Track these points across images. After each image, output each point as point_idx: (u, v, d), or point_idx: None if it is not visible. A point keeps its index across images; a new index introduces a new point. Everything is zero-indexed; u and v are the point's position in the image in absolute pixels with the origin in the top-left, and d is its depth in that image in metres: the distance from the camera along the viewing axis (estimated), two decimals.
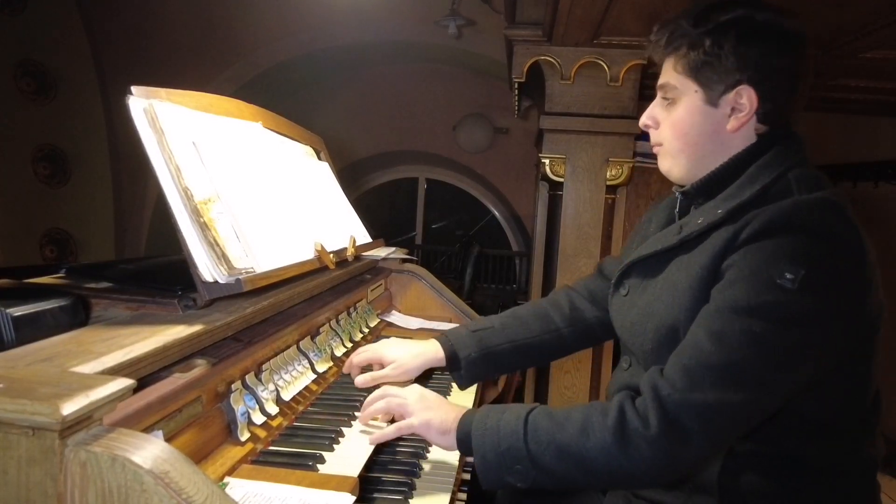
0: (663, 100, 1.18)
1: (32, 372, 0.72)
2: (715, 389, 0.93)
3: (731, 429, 0.97)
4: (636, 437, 0.95)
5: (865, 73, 2.72)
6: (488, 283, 7.21)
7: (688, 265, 1.08)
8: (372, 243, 1.91)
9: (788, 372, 0.95)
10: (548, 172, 2.69)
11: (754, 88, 1.08)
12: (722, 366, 0.94)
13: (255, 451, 1.06)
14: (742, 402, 0.94)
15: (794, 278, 0.93)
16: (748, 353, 0.94)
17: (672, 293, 1.09)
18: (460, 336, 1.43)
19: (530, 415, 1.05)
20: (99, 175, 5.49)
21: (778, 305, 0.94)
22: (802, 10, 2.01)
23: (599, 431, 0.98)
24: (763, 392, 0.95)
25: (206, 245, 1.01)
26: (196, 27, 5.20)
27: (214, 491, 0.66)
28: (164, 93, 1.13)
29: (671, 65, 1.15)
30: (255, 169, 1.34)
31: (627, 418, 0.97)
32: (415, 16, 5.12)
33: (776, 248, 0.96)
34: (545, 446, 1.01)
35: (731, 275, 1.00)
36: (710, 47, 1.09)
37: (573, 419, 1.02)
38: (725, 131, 1.12)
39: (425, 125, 6.82)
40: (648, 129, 1.22)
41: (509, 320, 1.47)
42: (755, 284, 0.96)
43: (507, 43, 2.67)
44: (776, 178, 1.06)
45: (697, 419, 0.93)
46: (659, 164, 1.23)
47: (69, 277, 1.18)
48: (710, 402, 0.93)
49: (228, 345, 1.13)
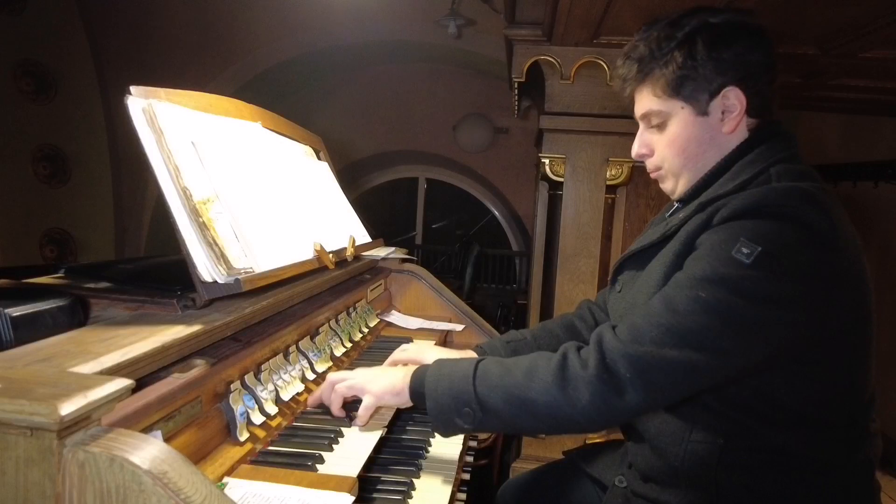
0: (651, 128, 1.19)
1: (31, 372, 0.72)
2: (654, 344, 0.96)
3: (667, 385, 0.98)
4: (574, 379, 0.99)
5: (865, 73, 2.71)
6: (488, 283, 7.21)
7: (664, 255, 1.11)
8: (371, 243, 1.91)
9: (730, 340, 0.96)
10: (548, 172, 2.69)
11: (740, 87, 1.10)
12: (666, 325, 0.97)
13: (254, 452, 1.06)
14: (679, 359, 0.95)
15: (749, 252, 0.95)
16: (693, 317, 0.96)
17: (650, 285, 1.12)
18: (495, 348, 1.47)
19: (481, 362, 1.10)
20: (99, 175, 5.49)
21: (729, 277, 0.95)
22: (802, 10, 2.02)
23: (543, 373, 1.02)
24: (702, 355, 0.96)
25: (205, 245, 1.01)
26: (196, 27, 5.20)
27: (213, 491, 0.65)
28: (163, 93, 1.13)
29: (648, 92, 1.16)
30: (255, 169, 1.34)
31: (569, 361, 1.01)
32: (415, 16, 5.12)
33: (740, 228, 0.98)
34: (492, 389, 1.05)
35: (695, 253, 1.03)
36: (683, 62, 1.10)
37: (520, 364, 1.06)
38: (722, 134, 1.14)
39: (425, 125, 6.82)
40: (644, 157, 1.24)
41: (540, 332, 1.51)
42: (712, 258, 0.98)
43: (507, 43, 2.67)
44: (758, 173, 1.07)
45: (631, 367, 0.96)
46: (662, 187, 1.25)
47: (68, 277, 1.18)
48: (645, 354, 0.96)
49: (227, 345, 1.13)
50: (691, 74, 1.10)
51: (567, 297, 2.74)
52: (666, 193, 1.26)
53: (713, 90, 1.11)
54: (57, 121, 5.31)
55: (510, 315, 5.40)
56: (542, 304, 2.88)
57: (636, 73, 1.16)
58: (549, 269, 2.85)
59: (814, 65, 2.61)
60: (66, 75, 5.22)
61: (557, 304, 2.75)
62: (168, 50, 5.20)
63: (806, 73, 2.76)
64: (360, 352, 1.66)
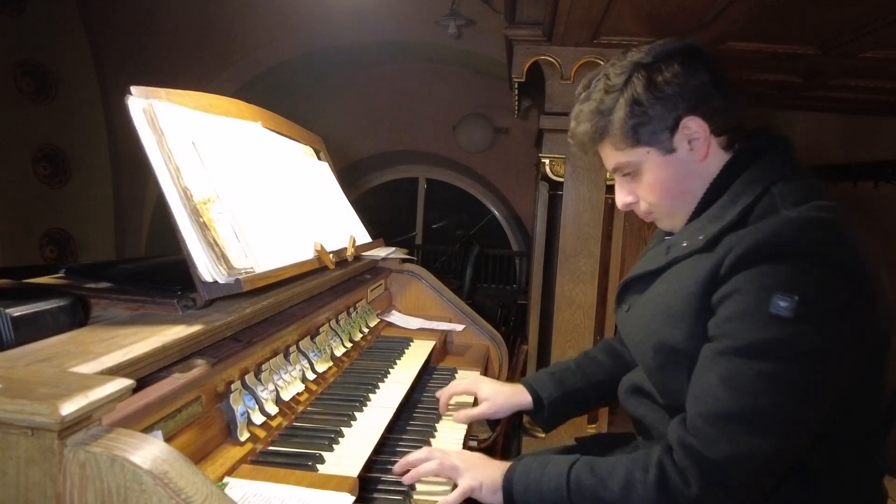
0: (625, 177, 1.18)
1: (32, 372, 0.72)
2: (744, 438, 0.92)
3: (767, 475, 0.96)
4: (679, 497, 0.95)
5: (865, 73, 2.72)
6: (488, 283, 7.20)
7: (677, 287, 1.08)
8: (372, 243, 1.91)
9: (810, 407, 0.94)
10: (548, 172, 2.69)
11: (695, 114, 1.08)
12: (745, 414, 0.93)
13: (255, 452, 1.06)
14: (772, 445, 0.92)
15: (788, 306, 0.91)
16: (767, 398, 0.92)
17: (667, 315, 1.08)
18: (542, 382, 1.45)
19: (572, 470, 1.05)
20: (99, 175, 5.48)
21: (781, 340, 0.92)
22: (802, 10, 2.02)
23: (642, 490, 0.97)
24: (790, 432, 0.93)
25: (205, 245, 1.01)
26: (196, 27, 5.20)
27: (213, 491, 0.66)
28: (163, 93, 1.13)
29: (610, 148, 1.15)
30: (255, 169, 1.34)
31: (669, 476, 0.96)
32: (415, 16, 5.11)
33: (766, 277, 0.94)
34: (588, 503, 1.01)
35: (725, 310, 0.98)
36: (630, 110, 1.09)
37: (616, 475, 1.01)
38: (697, 163, 1.11)
39: (425, 125, 6.82)
40: (631, 206, 1.21)
41: (583, 360, 1.50)
42: (752, 320, 0.94)
43: (507, 43, 2.67)
44: (759, 195, 1.04)
45: (735, 473, 0.93)
46: (661, 227, 1.24)
47: (69, 277, 1.18)
48: (741, 452, 0.92)
49: (228, 345, 1.13)
50: (643, 119, 1.09)
51: (567, 297, 2.74)
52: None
53: (671, 126, 1.09)
54: (57, 121, 5.30)
55: (510, 315, 5.40)
56: (543, 304, 2.88)
57: (592, 133, 1.14)
58: (549, 269, 2.85)
59: (814, 65, 2.61)
60: (66, 75, 5.22)
61: (557, 304, 2.75)
62: (168, 50, 5.20)
63: (806, 73, 2.77)
64: (360, 352, 1.66)
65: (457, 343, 2.03)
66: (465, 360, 1.91)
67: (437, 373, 1.76)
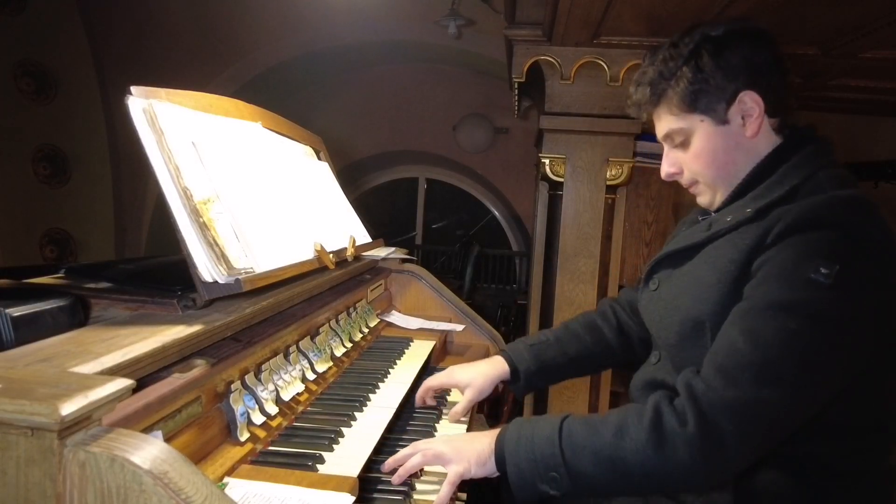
0: (674, 147, 1.20)
1: (31, 372, 0.72)
2: (751, 387, 0.92)
3: (767, 431, 0.95)
4: (672, 436, 0.94)
5: (865, 73, 2.71)
6: (488, 283, 7.20)
7: (714, 259, 1.10)
8: (372, 243, 1.91)
9: (824, 372, 0.94)
10: (548, 172, 2.69)
11: (753, 89, 1.11)
12: (758, 364, 0.93)
13: (255, 452, 1.06)
14: (778, 401, 0.92)
15: (828, 273, 0.93)
16: (784, 351, 0.93)
17: (698, 287, 1.10)
18: (518, 351, 1.48)
19: (565, 421, 1.05)
20: (99, 175, 5.48)
21: (813, 302, 0.93)
22: (803, 10, 2.02)
23: (635, 432, 0.97)
24: (799, 392, 0.94)
25: (205, 245, 1.01)
26: (196, 27, 5.20)
27: (213, 491, 0.65)
28: (163, 93, 1.13)
29: (665, 112, 1.18)
30: (255, 169, 1.34)
31: (664, 417, 0.96)
32: (415, 16, 5.11)
33: (809, 244, 0.96)
34: (580, 450, 1.00)
35: (764, 272, 1.00)
36: (693, 76, 1.12)
37: (608, 422, 1.01)
38: (747, 139, 1.14)
39: (425, 125, 6.82)
40: (675, 176, 1.23)
41: (563, 333, 1.52)
42: (789, 281, 0.95)
43: (507, 43, 2.67)
44: (806, 177, 1.07)
45: (733, 418, 0.92)
46: (700, 201, 1.25)
47: (69, 277, 1.18)
48: (746, 400, 0.92)
49: (228, 345, 1.13)
50: (703, 87, 1.12)
51: (567, 297, 2.74)
52: (703, 206, 1.25)
53: (728, 97, 1.12)
54: (57, 121, 5.31)
55: (510, 315, 5.40)
56: (542, 305, 2.88)
57: (650, 96, 1.18)
58: (549, 269, 2.85)
59: (814, 65, 2.61)
60: (66, 75, 5.22)
61: (557, 304, 2.75)
62: (168, 50, 5.20)
63: (806, 73, 2.76)
64: (360, 352, 1.66)
65: (457, 343, 2.03)
66: (465, 360, 1.90)
67: (438, 373, 1.75)
